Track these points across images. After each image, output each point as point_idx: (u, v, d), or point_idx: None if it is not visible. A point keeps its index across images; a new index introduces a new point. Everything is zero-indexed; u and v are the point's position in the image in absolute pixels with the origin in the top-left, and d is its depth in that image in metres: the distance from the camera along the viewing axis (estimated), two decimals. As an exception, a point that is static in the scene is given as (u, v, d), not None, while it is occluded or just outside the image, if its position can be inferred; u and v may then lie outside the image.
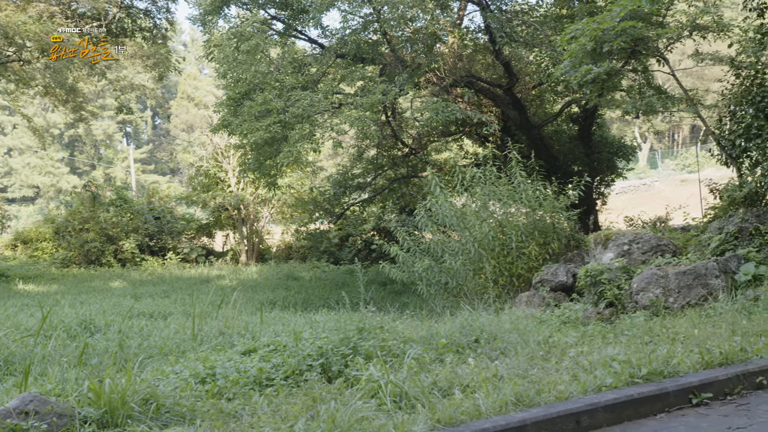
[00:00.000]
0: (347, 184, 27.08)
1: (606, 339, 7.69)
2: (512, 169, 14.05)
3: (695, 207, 22.20)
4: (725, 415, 5.54)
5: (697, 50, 20.24)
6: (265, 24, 21.07)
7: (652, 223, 21.20)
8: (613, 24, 13.17)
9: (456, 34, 22.39)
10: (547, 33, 20.51)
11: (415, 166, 26.86)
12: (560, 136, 26.03)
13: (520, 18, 22.19)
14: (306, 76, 21.01)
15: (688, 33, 16.87)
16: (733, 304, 8.92)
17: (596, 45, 13.50)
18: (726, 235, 11.25)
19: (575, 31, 13.94)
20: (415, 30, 21.19)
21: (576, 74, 13.96)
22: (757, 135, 12.21)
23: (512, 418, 5.08)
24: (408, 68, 20.12)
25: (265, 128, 18.72)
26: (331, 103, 19.89)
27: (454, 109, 19.26)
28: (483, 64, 24.52)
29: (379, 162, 26.79)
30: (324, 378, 6.30)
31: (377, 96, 18.55)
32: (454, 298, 13.28)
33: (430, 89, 22.40)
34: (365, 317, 7.99)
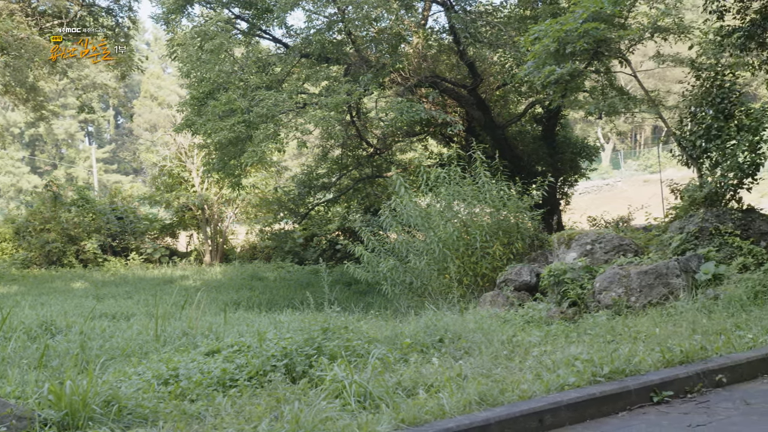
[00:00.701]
0: (312, 184, 27.00)
1: (569, 338, 7.75)
2: (476, 170, 14.10)
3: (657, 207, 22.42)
4: (685, 413, 5.61)
5: (659, 52, 20.50)
6: (229, 23, 20.96)
7: (614, 223, 21.36)
8: (576, 25, 13.27)
9: (420, 34, 22.43)
10: (511, 34, 20.63)
11: (379, 166, 26.87)
12: (524, 137, 26.18)
13: (484, 19, 22.28)
14: (270, 76, 20.93)
15: (650, 35, 17.06)
16: (693, 303, 9.02)
17: (559, 46, 13.59)
18: (687, 235, 11.37)
19: (539, 32, 14.03)
20: (380, 30, 21.19)
21: (539, 75, 14.05)
22: (717, 136, 12.36)
23: (476, 417, 5.10)
24: (373, 68, 20.12)
25: (229, 128, 18.62)
26: (296, 103, 19.85)
27: (418, 109, 19.30)
28: (447, 64, 24.60)
29: (343, 162, 26.76)
30: (288, 378, 6.27)
31: (342, 96, 18.53)
32: (418, 297, 13.30)
33: (394, 89, 22.42)
34: (330, 317, 7.97)
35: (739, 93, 12.88)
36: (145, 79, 73.91)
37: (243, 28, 22.21)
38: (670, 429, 5.25)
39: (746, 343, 6.89)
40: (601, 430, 5.33)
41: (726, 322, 7.81)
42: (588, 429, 5.36)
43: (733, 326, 7.59)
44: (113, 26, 28.08)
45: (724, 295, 9.05)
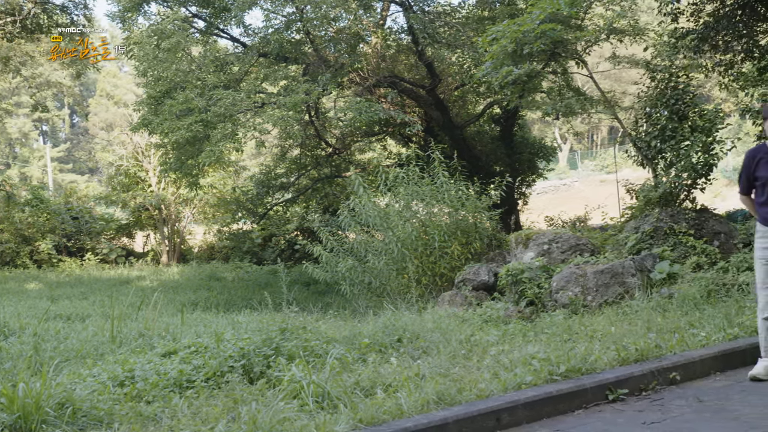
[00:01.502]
0: (270, 184, 26.90)
1: (526, 337, 7.80)
2: (435, 170, 14.14)
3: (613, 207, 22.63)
4: (640, 410, 5.68)
5: (615, 53, 20.77)
6: (186, 22, 20.81)
7: (571, 222, 21.58)
8: (533, 26, 13.37)
9: (379, 34, 22.46)
10: (469, 34, 20.73)
11: (338, 165, 26.85)
12: (482, 137, 26.32)
13: (442, 19, 22.36)
14: (228, 75, 20.83)
15: (606, 36, 17.25)
16: (648, 302, 9.12)
17: (517, 47, 13.68)
18: (642, 235, 11.51)
19: (496, 32, 14.11)
20: (339, 30, 21.18)
21: (497, 75, 14.13)
22: (671, 137, 12.52)
23: (434, 416, 5.12)
24: (331, 68, 20.10)
25: (186, 127, 18.49)
26: (254, 103, 19.77)
27: (377, 109, 19.32)
28: (406, 64, 24.66)
29: (302, 162, 26.70)
30: (246, 379, 6.24)
31: (300, 95, 18.49)
32: (377, 297, 13.31)
33: (353, 89, 22.42)
34: (288, 318, 7.95)
35: (693, 94, 13.06)
36: (101, 77, 73.01)
37: (200, 27, 22.07)
38: (625, 426, 5.30)
39: (699, 341, 6.98)
40: (557, 428, 5.37)
41: (680, 321, 7.92)
42: (544, 427, 5.40)
43: (687, 324, 7.69)
44: (68, 24, 27.70)
45: (678, 293, 9.17)
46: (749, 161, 6.45)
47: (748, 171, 6.47)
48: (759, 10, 16.35)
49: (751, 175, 6.47)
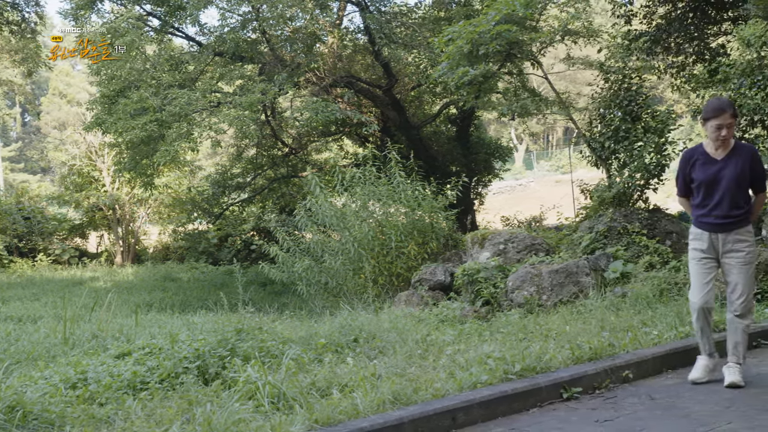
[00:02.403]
0: (226, 184, 26.76)
1: (482, 336, 7.83)
2: (392, 170, 14.15)
3: (568, 207, 22.85)
4: (594, 408, 5.73)
5: (569, 55, 20.94)
6: (140, 20, 20.59)
7: (527, 222, 21.72)
8: (489, 27, 13.44)
9: (336, 34, 22.44)
10: (426, 35, 20.79)
11: (295, 165, 26.77)
12: (439, 137, 26.41)
13: (399, 19, 22.40)
14: (183, 74, 20.67)
15: (561, 38, 17.37)
16: (602, 301, 9.22)
17: (473, 47, 13.74)
18: (596, 234, 11.62)
19: (452, 33, 14.16)
20: (295, 29, 21.13)
21: (453, 76, 14.18)
22: (625, 137, 12.66)
23: (390, 416, 5.12)
24: (287, 68, 20.04)
25: (141, 127, 18.31)
26: (210, 102, 19.66)
27: (333, 109, 19.30)
28: (363, 64, 24.66)
29: (258, 162, 26.60)
30: (201, 380, 6.19)
31: (256, 95, 18.41)
32: (333, 298, 13.29)
33: (310, 89, 22.36)
34: (244, 318, 7.90)
35: (646, 96, 13.21)
36: (54, 76, 71.97)
37: (155, 26, 21.85)
38: (579, 424, 5.36)
39: (652, 339, 7.07)
40: (512, 427, 5.41)
41: (633, 319, 8.01)
42: (499, 426, 5.43)
43: (640, 323, 7.79)
44: (19, 21, 27.28)
45: (632, 292, 9.27)
46: (685, 163, 6.37)
47: (684, 173, 6.38)
48: (709, 13, 16.62)
49: (687, 176, 6.36)
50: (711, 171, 6.17)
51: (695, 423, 5.20)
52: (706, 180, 6.19)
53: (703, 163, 6.23)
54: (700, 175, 6.23)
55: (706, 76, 12.93)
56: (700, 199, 6.27)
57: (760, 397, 5.75)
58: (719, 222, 6.15)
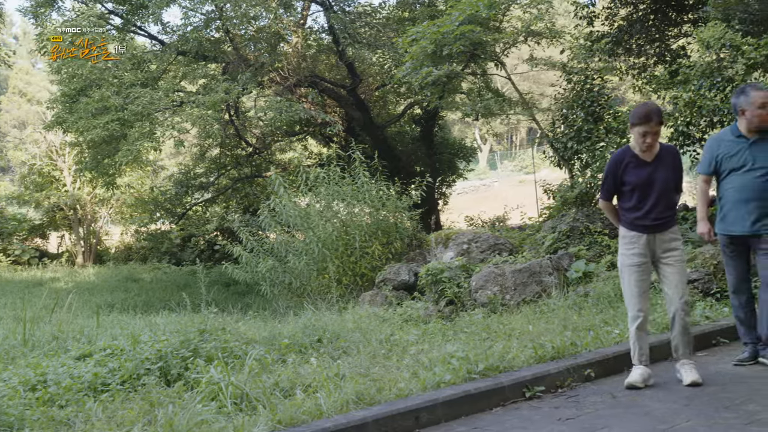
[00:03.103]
0: (189, 184, 26.59)
1: (446, 336, 7.85)
2: (356, 170, 14.14)
3: (532, 207, 23.02)
4: (556, 407, 5.77)
5: (532, 55, 21.07)
6: (102, 18, 20.39)
7: (491, 222, 21.84)
8: (453, 28, 13.50)
9: (300, 33, 22.39)
10: (390, 35, 20.83)
11: (259, 165, 26.68)
12: (403, 137, 26.46)
13: (363, 19, 22.42)
14: (146, 73, 20.52)
15: (524, 38, 17.50)
16: (565, 300, 9.28)
17: (437, 48, 13.80)
18: (559, 234, 11.71)
19: (416, 33, 14.21)
20: (259, 29, 21.05)
21: (417, 76, 14.22)
22: (587, 138, 12.76)
23: (353, 416, 5.11)
24: (251, 67, 19.96)
25: (102, 126, 18.15)
26: (172, 101, 19.53)
27: (297, 108, 19.27)
28: (327, 64, 24.63)
29: (222, 161, 26.47)
30: (163, 382, 6.13)
31: (220, 94, 18.32)
32: (297, 298, 13.24)
33: (274, 89, 22.29)
34: (207, 319, 7.85)
35: (608, 96, 13.34)
36: (13, 74, 70.94)
37: (117, 24, 21.64)
38: (542, 423, 5.38)
39: (613, 338, 7.12)
40: (475, 426, 5.42)
41: (595, 319, 8.07)
42: (463, 425, 5.44)
43: (602, 322, 7.84)
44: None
45: (594, 292, 9.34)
46: (616, 166, 6.23)
47: (615, 176, 6.24)
48: (670, 15, 16.80)
49: (618, 179, 6.23)
50: (644, 173, 6.14)
51: (655, 421, 5.25)
52: (641, 183, 6.15)
53: (635, 166, 6.18)
54: (633, 178, 6.17)
55: (666, 77, 13.06)
56: (635, 201, 6.19)
57: (719, 394, 5.82)
58: (656, 223, 6.14)
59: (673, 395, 5.73)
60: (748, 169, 6.46)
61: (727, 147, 6.55)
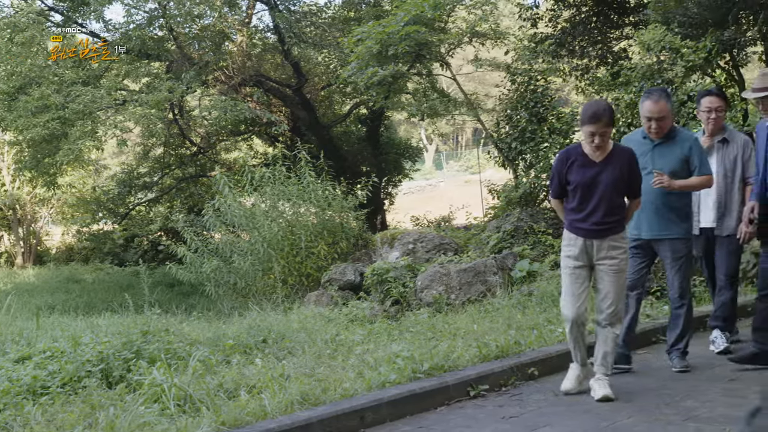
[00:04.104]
0: (133, 183, 26.24)
1: (391, 336, 7.86)
2: (302, 169, 14.10)
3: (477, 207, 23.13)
4: (500, 405, 5.82)
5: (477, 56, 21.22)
6: (41, 15, 20.02)
7: (436, 222, 21.92)
8: (398, 28, 13.53)
9: (245, 32, 22.26)
10: (336, 35, 20.80)
11: (203, 165, 26.44)
12: (349, 137, 26.44)
13: (308, 19, 22.36)
14: (88, 71, 20.20)
15: (469, 39, 17.61)
16: (509, 300, 9.36)
17: (382, 48, 13.82)
18: (503, 234, 11.81)
19: (362, 33, 14.22)
20: (203, 27, 20.89)
21: (363, 76, 14.23)
22: (531, 138, 12.89)
23: (298, 417, 5.10)
24: (195, 66, 19.79)
25: (42, 125, 17.83)
26: (115, 100, 19.29)
27: (242, 108, 19.17)
28: (272, 63, 24.52)
29: (166, 161, 26.18)
30: (104, 384, 6.04)
31: (163, 93, 18.13)
32: (242, 298, 13.17)
33: (218, 88, 22.12)
34: (150, 320, 7.76)
35: (552, 98, 13.49)
36: (-49, 71, 69.51)
37: (57, 21, 21.28)
38: (486, 421, 5.43)
39: (556, 336, 7.20)
40: (420, 425, 5.45)
41: (539, 317, 8.14)
42: (408, 425, 5.46)
43: (545, 321, 7.92)
44: None
45: (537, 291, 9.43)
46: (561, 163, 5.97)
47: (560, 173, 5.98)
48: (612, 18, 17.05)
49: (563, 177, 5.96)
50: (589, 174, 5.85)
51: (597, 418, 5.32)
52: (583, 183, 5.86)
53: (581, 165, 5.89)
54: (577, 178, 5.88)
55: (608, 78, 13.27)
56: (576, 203, 5.93)
57: (659, 391, 5.92)
58: (594, 228, 5.86)
59: (615, 392, 5.81)
60: (648, 171, 6.37)
61: (636, 148, 6.31)
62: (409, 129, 63.01)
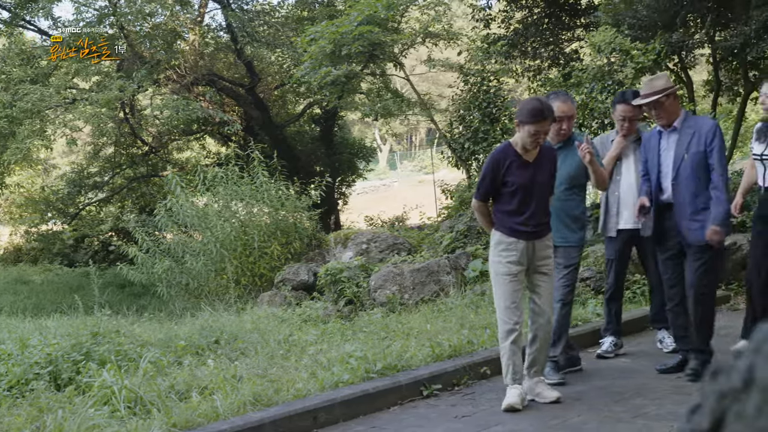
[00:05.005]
0: (83, 183, 25.90)
1: (345, 336, 7.85)
2: (255, 169, 14.04)
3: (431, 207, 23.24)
4: (453, 404, 5.84)
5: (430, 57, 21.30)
6: (-12, 11, 19.72)
7: (390, 222, 21.96)
8: (351, 28, 13.55)
9: (197, 31, 22.09)
10: (289, 34, 20.75)
11: (155, 164, 26.17)
12: (303, 137, 26.37)
13: (261, 18, 22.27)
14: (36, 69, 19.91)
15: (422, 40, 17.67)
16: (462, 299, 9.39)
17: (335, 48, 13.82)
18: (456, 234, 11.86)
19: (315, 33, 14.21)
20: (155, 26, 20.68)
21: (316, 76, 14.22)
22: (484, 138, 12.97)
23: (250, 418, 5.08)
24: (147, 64, 19.59)
25: (-11, 123, 17.55)
26: (64, 99, 19.04)
27: (195, 107, 19.03)
28: (225, 62, 24.37)
29: (117, 160, 25.88)
30: (53, 386, 5.96)
31: (114, 92, 17.93)
32: (195, 299, 13.07)
33: (170, 87, 21.92)
34: (100, 321, 7.67)
35: (504, 98, 13.60)
36: None
37: (4, 18, 20.93)
38: (438, 421, 5.45)
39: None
40: (373, 425, 5.45)
41: (491, 317, 8.10)
42: (361, 425, 5.46)
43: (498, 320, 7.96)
44: None
45: (490, 290, 9.47)
46: (497, 164, 5.66)
47: (496, 175, 5.66)
48: (563, 19, 17.22)
49: (499, 179, 5.66)
50: (527, 175, 5.66)
51: (548, 416, 5.37)
52: (524, 184, 5.65)
53: (518, 166, 5.65)
54: (517, 179, 5.63)
55: (560, 80, 13.40)
56: (516, 205, 5.66)
57: (609, 389, 6.00)
58: (536, 230, 5.72)
59: (565, 390, 5.87)
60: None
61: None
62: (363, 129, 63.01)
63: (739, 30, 11.73)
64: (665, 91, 6.23)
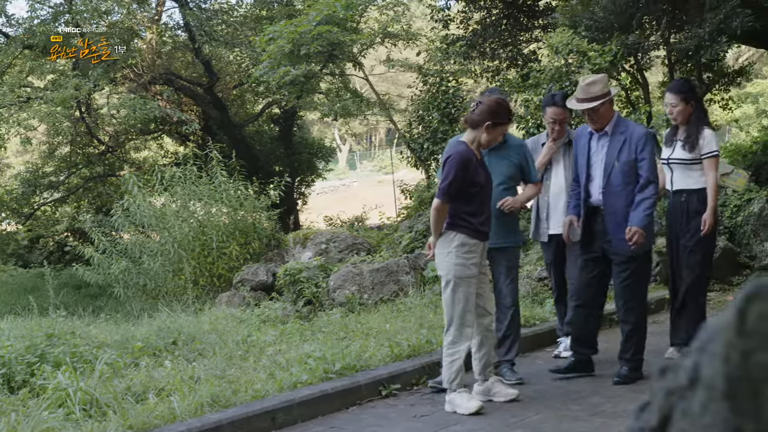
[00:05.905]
0: (38, 183, 25.54)
1: (304, 336, 7.83)
2: (213, 169, 13.95)
3: (390, 207, 23.25)
4: (412, 404, 5.85)
5: (389, 57, 21.31)
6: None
7: (350, 222, 21.96)
8: (310, 27, 13.53)
9: (154, 30, 21.91)
10: (247, 33, 20.66)
11: (112, 164, 25.90)
12: (262, 137, 26.26)
13: (220, 17, 22.15)
14: (-11, 67, 19.62)
15: (381, 40, 17.68)
16: (421, 299, 9.40)
17: (294, 47, 13.79)
18: (415, 234, 11.89)
19: (274, 32, 14.17)
20: (111, 24, 20.46)
21: (275, 75, 14.18)
22: (443, 139, 13.00)
23: (208, 419, 5.05)
24: (103, 63, 19.38)
25: (-59, 122, 17.25)
26: (18, 97, 18.76)
27: (152, 106, 18.87)
28: (183, 62, 24.20)
29: (73, 160, 25.55)
30: (6, 389, 5.88)
31: (69, 91, 17.72)
32: (152, 300, 12.96)
33: (127, 86, 21.72)
34: (55, 323, 7.57)
35: (463, 98, 13.66)
36: None
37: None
38: (397, 420, 5.46)
39: (467, 335, 7.27)
40: (332, 425, 5.45)
41: (450, 317, 8.21)
42: (320, 425, 5.46)
43: (457, 320, 7.99)
44: None
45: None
46: (467, 164, 5.49)
47: (466, 176, 5.49)
48: (522, 21, 17.33)
49: (468, 181, 5.50)
50: (485, 174, 5.64)
51: (507, 415, 5.41)
52: (484, 184, 5.60)
53: (479, 166, 5.60)
54: (481, 179, 5.55)
55: (518, 80, 13.49)
56: (477, 205, 5.56)
57: (566, 388, 6.05)
58: (488, 230, 5.70)
59: (523, 389, 5.91)
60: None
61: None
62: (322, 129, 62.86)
63: (694, 32, 11.88)
64: (603, 99, 6.14)
